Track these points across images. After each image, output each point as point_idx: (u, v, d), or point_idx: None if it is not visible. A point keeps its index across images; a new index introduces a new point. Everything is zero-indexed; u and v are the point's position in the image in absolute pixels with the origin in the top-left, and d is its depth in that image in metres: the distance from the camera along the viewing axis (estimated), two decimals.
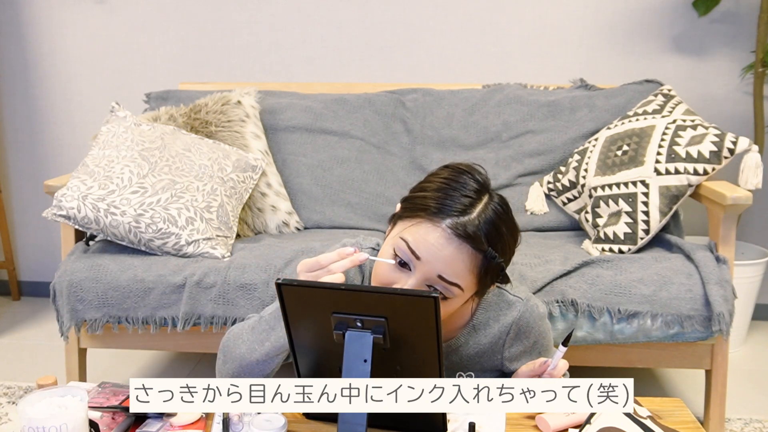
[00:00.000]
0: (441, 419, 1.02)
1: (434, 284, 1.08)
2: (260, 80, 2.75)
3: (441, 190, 1.09)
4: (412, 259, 1.08)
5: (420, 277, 1.08)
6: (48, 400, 0.95)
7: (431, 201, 1.08)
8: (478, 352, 1.22)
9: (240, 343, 1.19)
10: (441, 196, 1.08)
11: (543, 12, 2.62)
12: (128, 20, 2.78)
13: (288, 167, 2.35)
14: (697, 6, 2.46)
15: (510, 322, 1.21)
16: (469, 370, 1.24)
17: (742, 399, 2.19)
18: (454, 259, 1.06)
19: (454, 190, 1.09)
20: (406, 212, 1.11)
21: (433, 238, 1.06)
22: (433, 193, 1.09)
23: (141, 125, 2.09)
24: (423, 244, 1.07)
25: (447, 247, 1.06)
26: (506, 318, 1.21)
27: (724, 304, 1.72)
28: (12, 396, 2.17)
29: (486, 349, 1.22)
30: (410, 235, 1.08)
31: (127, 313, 1.85)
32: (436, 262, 1.06)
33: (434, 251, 1.06)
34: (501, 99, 2.40)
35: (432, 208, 1.08)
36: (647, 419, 1.05)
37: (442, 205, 1.07)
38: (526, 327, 1.21)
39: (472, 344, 1.22)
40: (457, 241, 1.06)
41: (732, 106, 2.62)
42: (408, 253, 1.08)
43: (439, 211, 1.07)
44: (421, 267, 1.08)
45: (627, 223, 1.94)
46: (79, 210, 1.86)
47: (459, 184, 1.09)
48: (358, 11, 2.68)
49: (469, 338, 1.22)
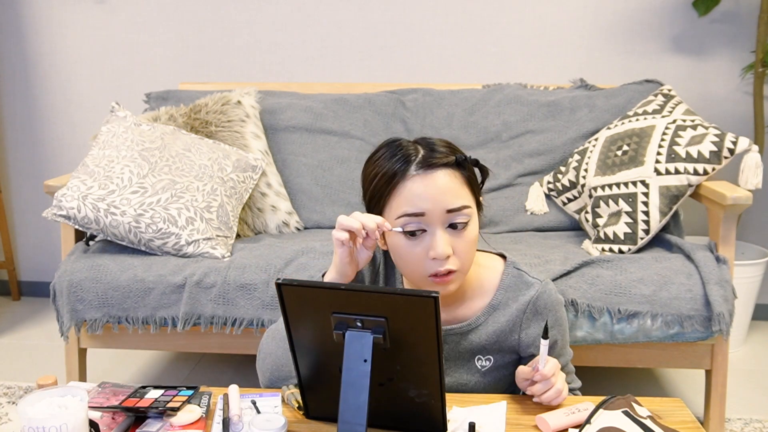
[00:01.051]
0: (441, 419, 1.02)
1: (451, 222, 1.13)
2: (260, 80, 2.75)
3: (385, 160, 1.16)
4: (420, 221, 1.12)
5: (437, 225, 1.12)
6: (48, 400, 0.95)
7: (388, 170, 1.15)
8: (496, 330, 1.24)
9: (274, 340, 1.23)
10: (390, 162, 1.15)
11: (543, 12, 2.62)
12: (128, 20, 2.78)
13: (288, 167, 2.35)
14: (697, 6, 2.46)
15: (528, 300, 1.23)
16: (487, 351, 1.26)
17: (742, 399, 2.19)
18: (445, 187, 1.13)
19: (393, 152, 1.16)
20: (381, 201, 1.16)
21: (415, 187, 1.12)
22: (383, 167, 1.16)
23: (141, 125, 2.09)
24: (415, 198, 1.12)
25: (432, 182, 1.12)
26: (524, 297, 1.24)
27: (724, 304, 1.72)
28: (12, 396, 2.17)
29: (504, 329, 1.24)
30: (401, 203, 1.13)
31: (127, 313, 1.85)
32: (436, 200, 1.12)
33: (426, 195, 1.12)
34: (501, 99, 2.40)
35: (394, 171, 1.14)
36: (647, 419, 1.05)
37: (397, 164, 1.14)
38: (544, 307, 1.24)
39: (491, 324, 1.24)
40: (432, 172, 1.13)
41: (732, 106, 2.62)
42: (412, 220, 1.13)
43: (401, 168, 1.14)
44: (431, 218, 1.12)
45: (627, 223, 1.94)
46: (79, 210, 1.86)
47: (392, 147, 1.17)
48: (358, 11, 2.68)
49: (489, 317, 1.24)
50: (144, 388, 1.16)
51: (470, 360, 1.26)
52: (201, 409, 1.10)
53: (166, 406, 1.07)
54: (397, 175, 1.13)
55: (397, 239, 1.15)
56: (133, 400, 1.10)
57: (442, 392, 1.00)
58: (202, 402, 1.13)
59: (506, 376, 1.29)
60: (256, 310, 1.81)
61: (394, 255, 1.18)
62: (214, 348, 1.93)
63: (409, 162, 1.14)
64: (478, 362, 1.26)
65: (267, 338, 1.26)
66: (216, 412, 1.12)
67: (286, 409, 1.13)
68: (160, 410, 1.07)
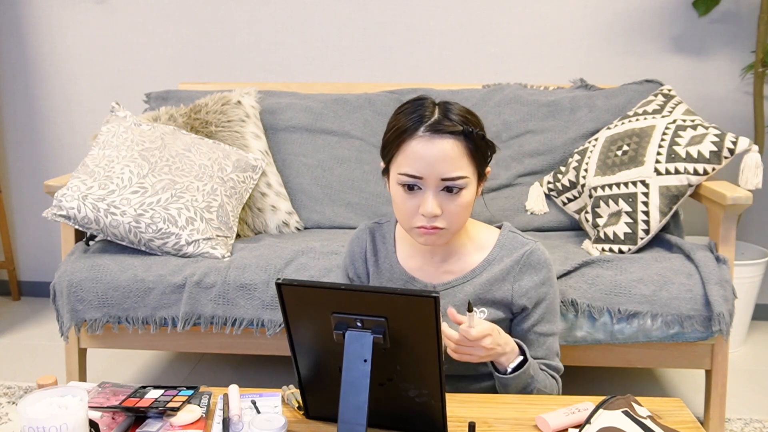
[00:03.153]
0: (441, 419, 1.03)
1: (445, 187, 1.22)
2: (260, 80, 2.75)
3: (404, 115, 1.25)
4: (416, 181, 1.22)
5: (431, 188, 1.22)
6: (48, 400, 0.95)
7: (402, 125, 1.24)
8: (490, 279, 1.33)
9: None
10: (406, 117, 1.24)
11: (543, 12, 2.62)
12: (128, 20, 2.78)
13: (288, 167, 2.35)
14: (697, 6, 2.46)
15: (521, 254, 1.33)
16: (482, 302, 1.34)
17: (742, 399, 2.19)
18: (445, 155, 1.21)
19: (413, 109, 1.25)
20: (390, 152, 1.26)
21: (419, 148, 1.21)
22: (400, 121, 1.25)
23: (141, 125, 2.09)
24: (415, 159, 1.21)
25: (433, 148, 1.21)
26: (518, 252, 1.34)
27: (724, 304, 1.72)
28: (12, 396, 2.17)
29: (498, 277, 1.33)
30: (403, 161, 1.23)
31: (127, 313, 1.85)
32: (433, 167, 1.20)
33: (426, 159, 1.20)
34: (501, 99, 2.40)
35: (406, 128, 1.23)
36: (647, 419, 1.05)
37: (411, 122, 1.23)
38: (536, 263, 1.33)
39: (486, 275, 1.34)
40: (438, 138, 1.21)
41: (732, 106, 2.62)
42: (409, 178, 1.22)
43: (412, 126, 1.22)
44: (426, 181, 1.22)
45: (627, 223, 1.94)
46: (79, 210, 1.86)
47: (415, 104, 1.26)
48: (359, 11, 2.68)
49: (484, 270, 1.34)
50: (144, 388, 1.16)
51: (465, 313, 1.30)
52: (201, 409, 1.10)
53: (166, 406, 1.07)
54: (406, 132, 1.22)
55: (396, 189, 1.26)
56: (133, 400, 1.10)
57: (442, 392, 1.00)
58: (202, 402, 1.13)
59: None
60: (256, 310, 1.81)
61: (393, 200, 1.28)
62: (214, 348, 1.93)
63: (421, 122, 1.22)
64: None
65: None
66: (216, 412, 1.12)
67: (286, 409, 1.13)
68: (160, 410, 1.07)
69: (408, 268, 1.37)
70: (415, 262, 1.37)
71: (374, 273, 1.41)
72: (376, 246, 1.41)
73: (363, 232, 1.43)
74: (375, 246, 1.41)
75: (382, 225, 1.44)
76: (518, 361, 1.24)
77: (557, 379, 1.34)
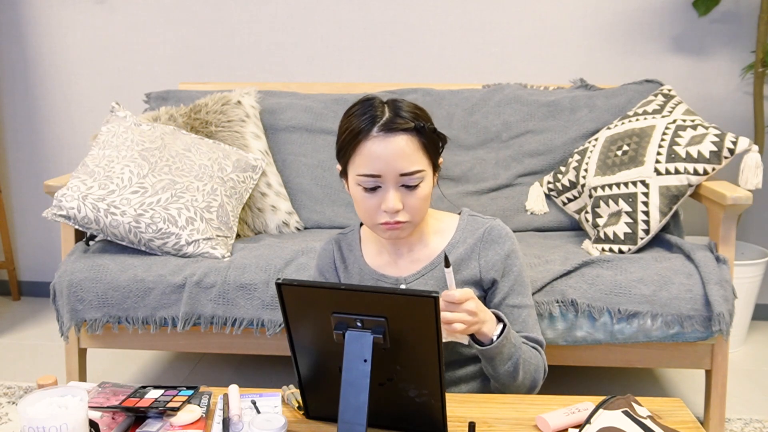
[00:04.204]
0: (441, 419, 1.03)
1: (404, 183, 1.25)
2: (260, 80, 2.75)
3: (355, 117, 1.27)
4: (376, 180, 1.25)
5: (390, 185, 1.25)
6: (48, 400, 0.95)
7: (355, 127, 1.26)
8: (456, 260, 1.36)
9: None
10: (358, 119, 1.26)
11: (543, 12, 2.62)
12: (128, 20, 2.78)
13: (288, 167, 2.35)
14: (697, 6, 2.46)
15: (482, 232, 1.38)
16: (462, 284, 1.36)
17: (742, 399, 2.19)
18: (400, 151, 1.23)
19: (364, 110, 1.27)
20: (346, 154, 1.28)
21: (375, 147, 1.24)
22: (352, 123, 1.27)
23: (141, 125, 2.09)
24: (372, 160, 1.24)
25: (389, 146, 1.23)
26: (479, 231, 1.38)
27: (724, 304, 1.72)
28: (12, 396, 2.17)
29: (464, 257, 1.36)
30: (361, 162, 1.25)
31: (127, 313, 1.85)
32: (391, 164, 1.23)
33: (383, 157, 1.23)
34: (501, 99, 2.40)
35: (359, 129, 1.25)
36: (647, 419, 1.05)
37: (364, 123, 1.25)
38: (498, 236, 1.37)
39: (452, 256, 1.37)
40: (392, 136, 1.24)
41: (732, 106, 2.62)
42: (369, 179, 1.25)
43: (365, 128, 1.24)
44: (385, 178, 1.24)
45: (627, 223, 1.94)
46: (79, 210, 1.86)
47: (364, 105, 1.28)
48: (358, 11, 2.68)
49: (450, 252, 1.38)
50: (144, 388, 1.16)
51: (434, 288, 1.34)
52: (201, 409, 1.10)
53: (166, 406, 1.07)
54: (361, 134, 1.24)
55: (356, 190, 1.28)
56: (133, 400, 1.10)
57: (442, 392, 1.00)
58: (202, 402, 1.13)
59: None
60: (256, 310, 1.81)
61: (354, 201, 1.31)
62: (214, 348, 1.93)
63: (373, 123, 1.24)
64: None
65: None
66: (216, 412, 1.12)
67: (286, 409, 1.13)
68: (160, 410, 1.07)
69: (375, 267, 1.40)
70: (382, 258, 1.40)
71: (345, 279, 1.44)
72: (343, 254, 1.44)
73: (329, 244, 1.47)
74: (342, 254, 1.44)
75: (346, 234, 1.46)
76: (500, 328, 1.25)
77: (540, 351, 1.35)
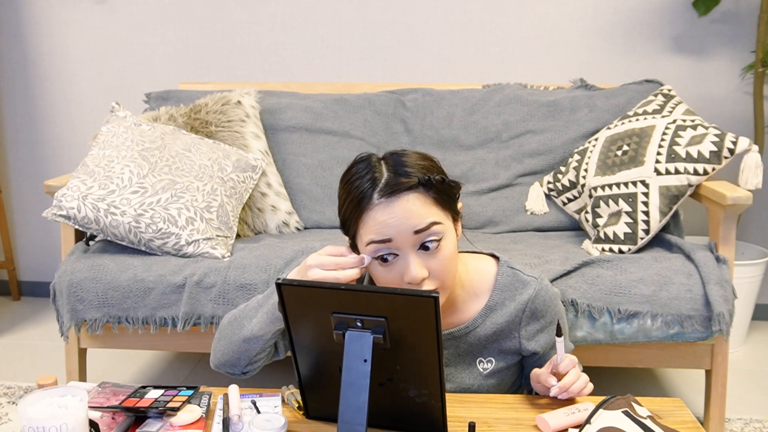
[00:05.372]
0: (441, 419, 1.02)
1: (422, 241, 1.10)
2: (260, 80, 2.75)
3: (349, 188, 1.14)
4: (389, 247, 1.10)
5: (407, 249, 1.10)
6: (48, 400, 0.95)
7: (353, 201, 1.12)
8: (496, 331, 1.23)
9: (232, 320, 1.24)
10: (354, 190, 1.13)
11: (543, 12, 2.62)
12: (128, 20, 2.78)
13: (288, 167, 2.35)
14: (697, 6, 2.46)
15: (526, 300, 1.23)
16: (488, 353, 1.26)
17: (742, 399, 2.19)
18: (410, 210, 1.09)
19: (360, 174, 1.14)
20: (351, 227, 1.14)
21: (379, 215, 1.09)
22: (349, 194, 1.13)
23: (141, 125, 2.09)
24: (380, 228, 1.09)
25: (394, 211, 1.09)
26: (522, 296, 1.23)
27: (724, 304, 1.72)
28: (12, 396, 2.17)
29: (503, 329, 1.23)
30: (366, 233, 1.11)
31: (127, 313, 1.85)
32: (401, 226, 1.09)
33: (392, 222, 1.09)
34: (501, 99, 2.40)
35: (360, 199, 1.11)
36: (647, 419, 1.05)
37: (361, 193, 1.11)
38: (543, 305, 1.23)
39: (489, 324, 1.23)
40: (395, 199, 1.09)
41: (732, 106, 2.62)
42: (381, 246, 1.10)
43: (364, 198, 1.11)
44: (399, 242, 1.10)
45: (627, 223, 1.94)
46: (79, 210, 1.86)
47: (359, 168, 1.15)
48: (358, 11, 2.68)
49: (486, 319, 1.23)
50: (144, 388, 1.16)
51: (472, 363, 1.26)
52: (201, 409, 1.10)
53: (166, 406, 1.07)
54: (362, 203, 1.11)
55: (373, 266, 1.13)
56: (133, 400, 1.10)
57: (442, 392, 1.00)
58: (202, 402, 1.13)
59: (509, 377, 1.29)
60: None
61: (374, 279, 1.16)
62: None
63: (374, 188, 1.11)
64: (480, 365, 1.26)
65: (226, 319, 1.26)
66: (216, 412, 1.12)
67: (286, 409, 1.13)
68: (160, 410, 1.07)
69: None
70: None
71: None
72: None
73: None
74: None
75: None
76: None
77: None
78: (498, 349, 1.25)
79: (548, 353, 1.27)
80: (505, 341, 1.25)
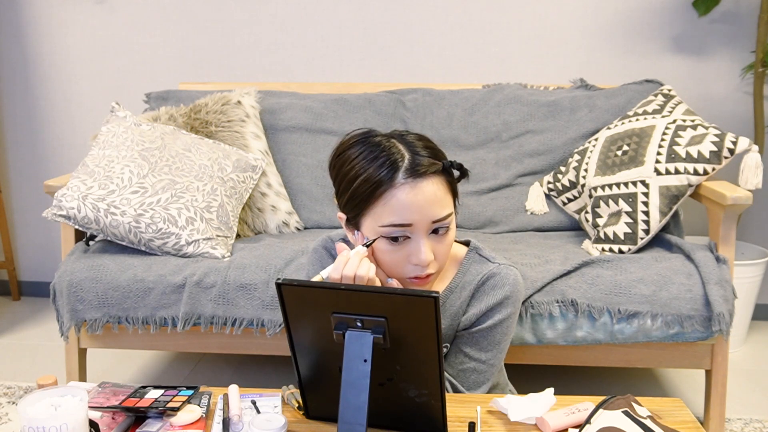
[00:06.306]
0: (441, 419, 1.02)
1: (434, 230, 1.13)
2: (260, 80, 2.75)
3: (371, 162, 1.11)
4: (405, 230, 1.12)
5: (420, 233, 1.12)
6: (48, 400, 0.95)
7: (375, 176, 1.10)
8: (451, 314, 1.24)
9: None
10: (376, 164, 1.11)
11: (543, 12, 2.62)
12: (128, 20, 2.78)
13: (288, 167, 2.35)
14: (697, 6, 2.46)
15: (481, 279, 1.23)
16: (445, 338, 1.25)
17: (742, 399, 2.19)
18: (433, 196, 1.11)
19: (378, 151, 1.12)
20: (359, 206, 1.13)
21: (404, 196, 1.10)
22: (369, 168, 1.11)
23: (141, 125, 2.09)
24: (402, 209, 1.10)
25: (420, 193, 1.10)
26: (478, 277, 1.24)
27: (724, 304, 1.72)
28: (12, 396, 2.17)
29: (457, 312, 1.24)
30: (385, 212, 1.11)
31: (127, 313, 1.85)
32: (424, 212, 1.10)
33: (414, 206, 1.10)
34: (501, 99, 2.40)
35: (382, 179, 1.10)
36: (647, 419, 1.05)
37: (385, 169, 1.10)
38: (495, 286, 1.22)
39: (447, 307, 1.24)
40: (422, 181, 1.10)
41: (732, 106, 2.62)
42: (398, 229, 1.11)
43: (388, 176, 1.10)
44: (417, 227, 1.11)
45: (627, 223, 1.94)
46: (79, 210, 1.86)
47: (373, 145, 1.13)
48: (358, 11, 2.68)
49: (445, 302, 1.24)
50: (144, 388, 1.16)
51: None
52: (201, 409, 1.10)
53: (166, 406, 1.07)
54: (383, 183, 1.10)
55: (379, 243, 1.14)
56: (133, 400, 1.10)
57: (442, 392, 1.00)
58: (202, 402, 1.13)
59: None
60: (256, 310, 1.81)
61: (376, 255, 1.16)
62: (214, 348, 1.93)
63: (396, 169, 1.10)
64: None
65: None
66: (216, 412, 1.12)
67: (286, 409, 1.13)
68: (160, 410, 1.07)
69: None
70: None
71: None
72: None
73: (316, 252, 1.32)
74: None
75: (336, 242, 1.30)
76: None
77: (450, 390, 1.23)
78: (453, 333, 1.25)
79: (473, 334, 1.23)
80: (457, 324, 1.25)
